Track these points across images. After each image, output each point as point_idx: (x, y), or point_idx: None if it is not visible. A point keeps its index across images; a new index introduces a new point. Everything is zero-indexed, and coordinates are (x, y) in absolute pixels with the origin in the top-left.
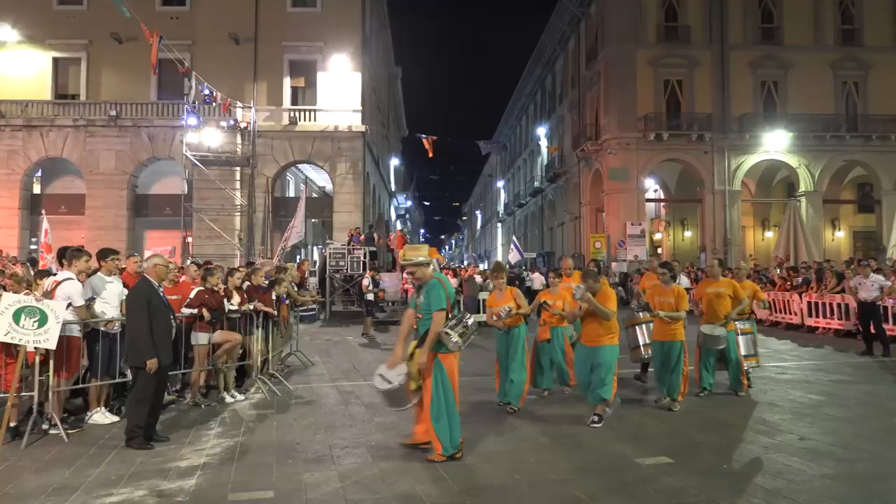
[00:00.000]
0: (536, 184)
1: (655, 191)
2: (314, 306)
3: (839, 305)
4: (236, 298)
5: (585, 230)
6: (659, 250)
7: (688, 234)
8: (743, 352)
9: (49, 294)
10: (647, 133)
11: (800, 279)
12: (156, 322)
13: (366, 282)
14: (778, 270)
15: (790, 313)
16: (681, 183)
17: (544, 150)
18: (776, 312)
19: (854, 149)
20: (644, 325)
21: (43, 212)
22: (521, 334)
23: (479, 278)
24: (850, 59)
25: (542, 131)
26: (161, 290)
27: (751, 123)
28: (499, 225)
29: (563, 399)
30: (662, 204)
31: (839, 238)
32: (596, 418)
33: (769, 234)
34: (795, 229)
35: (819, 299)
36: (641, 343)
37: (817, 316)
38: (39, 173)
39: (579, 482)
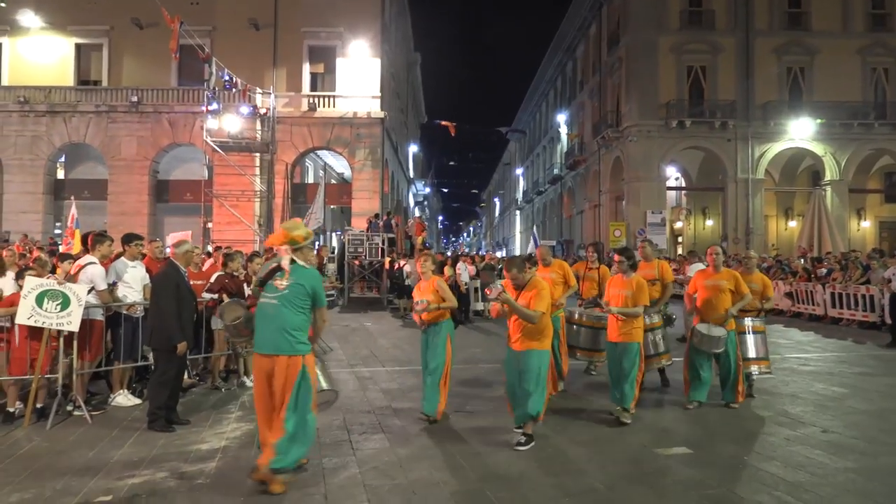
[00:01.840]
0: (556, 171)
1: (677, 179)
2: (332, 292)
3: (863, 297)
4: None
5: (605, 218)
6: (679, 239)
7: (709, 223)
8: (752, 354)
9: (72, 277)
10: (668, 120)
11: (823, 270)
12: (182, 306)
13: (408, 268)
14: (802, 261)
15: (813, 304)
16: (703, 171)
17: (564, 138)
18: (799, 303)
19: (882, 137)
20: (657, 331)
21: (72, 197)
22: (443, 331)
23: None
24: (880, 45)
25: (562, 118)
26: (186, 274)
27: (775, 111)
28: (517, 212)
29: (578, 391)
30: (683, 192)
31: (865, 228)
32: (523, 439)
33: (792, 224)
34: (820, 219)
35: (843, 290)
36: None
37: (841, 307)
38: (63, 159)
39: (597, 472)
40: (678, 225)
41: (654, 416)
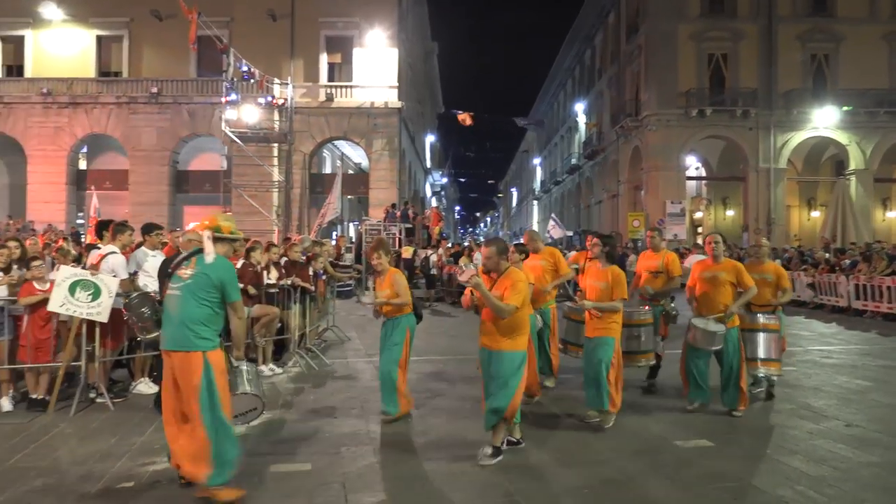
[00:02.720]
0: (574, 161)
1: (697, 168)
2: (350, 282)
3: (888, 288)
4: (274, 273)
5: (623, 208)
6: (699, 229)
7: (730, 213)
8: (762, 354)
9: (94, 267)
10: (688, 109)
11: (847, 261)
12: None
13: (434, 258)
14: (827, 255)
15: (836, 296)
16: (723, 160)
17: (582, 127)
18: (821, 295)
19: None
20: (646, 328)
21: (93, 188)
22: (402, 325)
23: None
24: None
25: (580, 107)
26: None
27: (799, 99)
28: (535, 202)
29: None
30: (703, 182)
31: (890, 218)
32: (489, 450)
33: (815, 214)
34: (844, 209)
35: (867, 281)
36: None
37: (865, 299)
38: (85, 149)
39: (616, 463)
40: (698, 215)
41: (673, 408)
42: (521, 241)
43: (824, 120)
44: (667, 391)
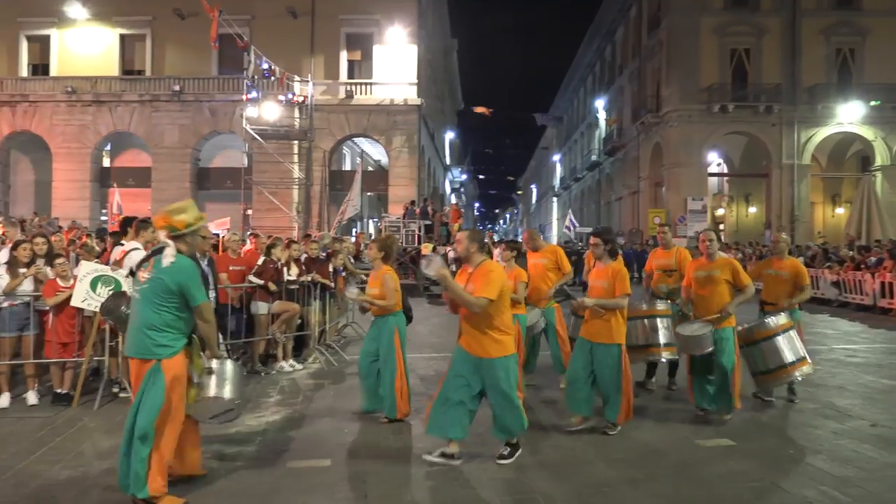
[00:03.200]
0: (594, 157)
1: (718, 165)
2: (362, 285)
3: None
4: (294, 270)
5: (644, 205)
6: (721, 227)
7: (752, 210)
8: (790, 358)
9: (118, 263)
10: (710, 104)
11: (872, 258)
12: None
13: (452, 254)
14: (851, 252)
15: (861, 294)
16: (745, 157)
17: (602, 123)
18: (846, 293)
19: None
20: (663, 319)
21: (115, 185)
22: (389, 326)
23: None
24: None
25: (600, 104)
26: (203, 261)
27: (823, 94)
28: (554, 199)
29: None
30: (725, 178)
31: None
32: (506, 450)
33: (840, 211)
34: (869, 205)
35: (893, 279)
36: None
37: (891, 297)
38: (108, 147)
39: (636, 461)
40: (720, 212)
41: (695, 407)
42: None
43: (849, 115)
44: (686, 389)
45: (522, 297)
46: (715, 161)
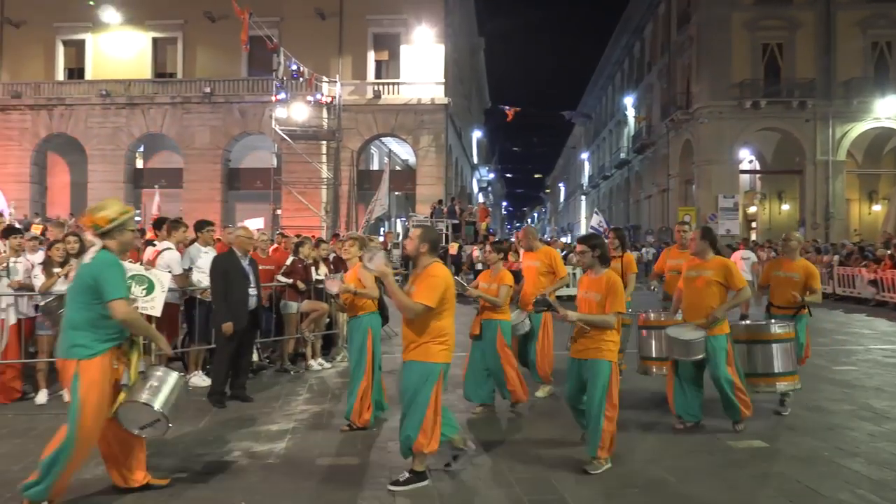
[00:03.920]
0: (622, 155)
1: (750, 162)
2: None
3: None
4: (323, 269)
5: (673, 203)
6: (753, 225)
7: (785, 207)
8: (778, 368)
9: (151, 262)
10: (742, 100)
11: None
12: (230, 290)
13: (477, 253)
14: (889, 250)
15: None
16: (778, 153)
17: (631, 121)
18: (884, 292)
19: None
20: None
21: (156, 187)
22: (363, 326)
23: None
24: None
25: (629, 101)
26: (245, 260)
27: (859, 88)
28: (582, 198)
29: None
30: (758, 176)
31: None
32: (404, 475)
33: (877, 208)
34: None
35: None
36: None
37: None
38: (141, 149)
39: (666, 462)
40: (752, 210)
41: None
42: (550, 238)
43: (887, 110)
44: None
45: (503, 302)
46: (747, 158)
